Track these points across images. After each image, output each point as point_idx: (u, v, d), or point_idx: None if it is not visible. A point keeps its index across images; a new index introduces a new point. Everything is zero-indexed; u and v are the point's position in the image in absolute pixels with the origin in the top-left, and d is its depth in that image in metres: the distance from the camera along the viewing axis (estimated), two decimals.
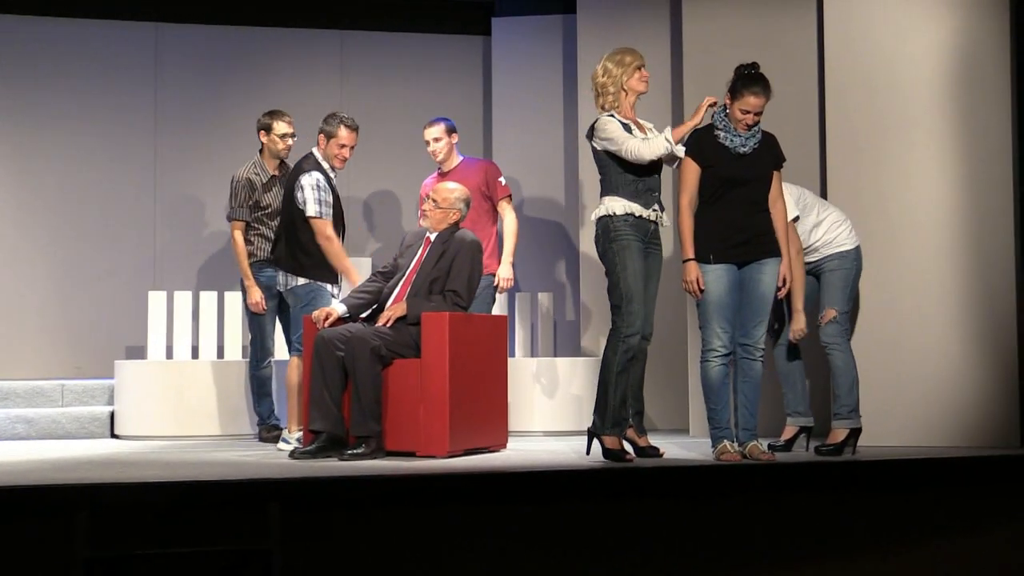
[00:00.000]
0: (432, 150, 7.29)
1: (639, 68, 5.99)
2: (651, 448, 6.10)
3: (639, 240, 5.91)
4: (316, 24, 9.34)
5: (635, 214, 5.88)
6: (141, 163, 9.10)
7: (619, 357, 5.87)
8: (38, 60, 8.90)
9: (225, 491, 5.03)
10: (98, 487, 5.02)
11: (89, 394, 7.87)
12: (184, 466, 5.86)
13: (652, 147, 5.85)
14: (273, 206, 7.18)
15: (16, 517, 4.73)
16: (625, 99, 6.00)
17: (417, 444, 6.19)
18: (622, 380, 5.91)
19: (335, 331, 6.28)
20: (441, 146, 7.28)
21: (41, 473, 5.55)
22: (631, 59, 5.99)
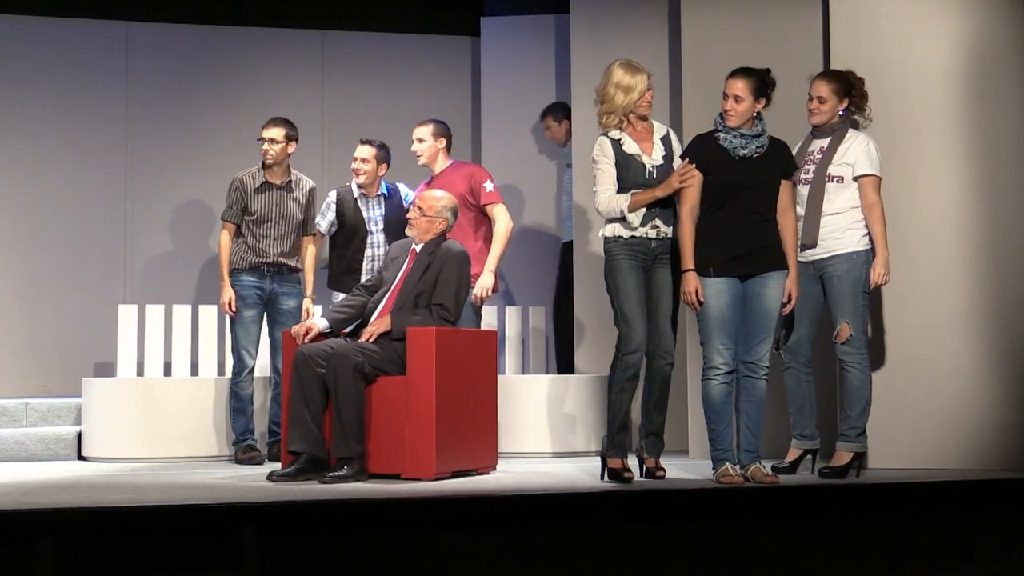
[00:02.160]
0: (415, 150, 7.35)
1: (647, 91, 6.11)
2: (657, 469, 6.14)
3: (634, 259, 5.99)
4: (296, 24, 9.37)
5: (624, 236, 5.97)
6: (111, 169, 9.10)
7: (617, 375, 5.95)
8: (3, 60, 8.89)
9: (199, 516, 5.01)
10: (63, 512, 5.01)
11: (55, 413, 7.84)
12: (155, 489, 5.85)
13: (607, 205, 6.01)
14: (260, 213, 7.30)
15: None
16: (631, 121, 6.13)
17: (402, 466, 6.18)
18: (622, 399, 5.97)
19: (316, 347, 6.27)
20: (424, 147, 7.32)
21: (3, 497, 5.51)
22: (642, 85, 6.08)
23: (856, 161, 6.13)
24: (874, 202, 6.11)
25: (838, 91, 6.22)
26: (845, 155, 6.14)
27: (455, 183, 7.21)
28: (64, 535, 4.64)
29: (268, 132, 7.39)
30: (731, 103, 5.91)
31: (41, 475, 6.59)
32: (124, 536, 4.84)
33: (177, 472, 6.74)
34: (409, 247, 6.65)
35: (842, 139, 6.18)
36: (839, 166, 6.14)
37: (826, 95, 6.21)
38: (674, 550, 5.24)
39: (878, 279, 6.08)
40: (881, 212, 6.09)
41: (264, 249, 7.33)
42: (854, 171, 6.13)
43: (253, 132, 7.71)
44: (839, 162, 6.15)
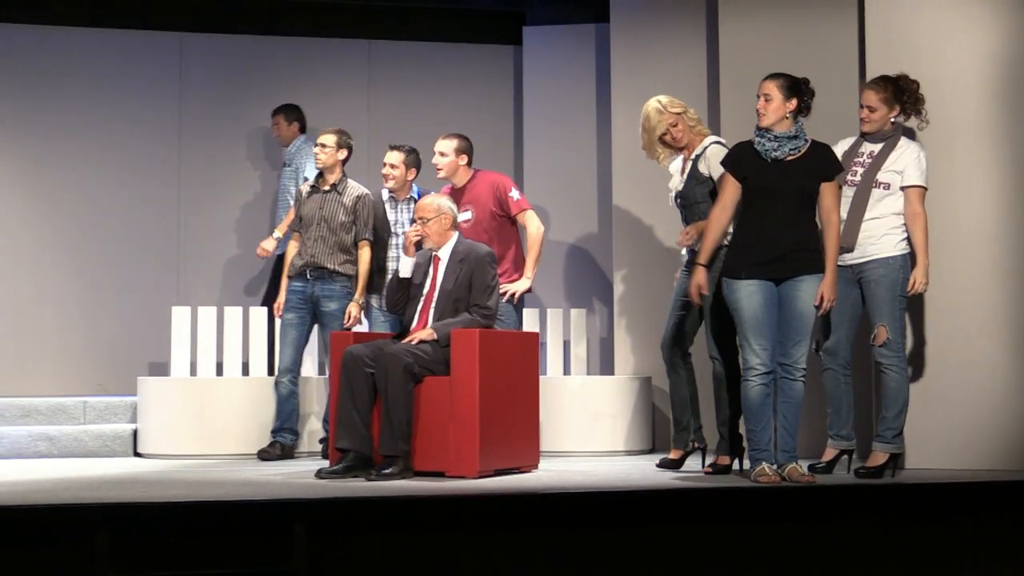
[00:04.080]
0: (435, 162, 7.29)
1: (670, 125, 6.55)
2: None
3: (686, 270, 6.47)
4: (343, 34, 9.39)
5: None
6: (165, 176, 9.16)
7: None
8: (62, 71, 8.98)
9: (249, 512, 5.03)
10: (120, 506, 5.05)
11: (112, 411, 7.89)
12: (208, 485, 5.88)
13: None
14: (306, 217, 7.39)
15: (37, 536, 4.75)
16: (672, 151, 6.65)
17: (446, 464, 6.19)
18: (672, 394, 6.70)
19: (364, 347, 6.29)
20: (444, 162, 7.26)
21: (62, 492, 5.57)
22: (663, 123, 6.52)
23: (905, 170, 6.07)
24: (918, 212, 6.05)
25: (887, 100, 6.14)
26: (896, 163, 6.08)
27: (481, 196, 7.21)
28: (120, 529, 4.67)
29: (321, 139, 7.43)
30: (761, 102, 5.91)
31: (99, 471, 6.65)
32: (177, 530, 4.86)
33: (228, 469, 6.76)
34: (430, 254, 6.63)
35: (894, 146, 6.12)
36: (888, 173, 6.08)
37: (875, 104, 6.14)
38: (711, 549, 5.21)
39: (918, 287, 6.03)
40: (924, 223, 6.04)
41: (306, 251, 7.36)
42: (902, 180, 6.07)
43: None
44: (888, 169, 6.09)
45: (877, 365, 6.09)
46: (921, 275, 6.03)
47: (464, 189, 7.27)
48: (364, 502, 5.23)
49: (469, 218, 7.12)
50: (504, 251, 7.17)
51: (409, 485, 5.87)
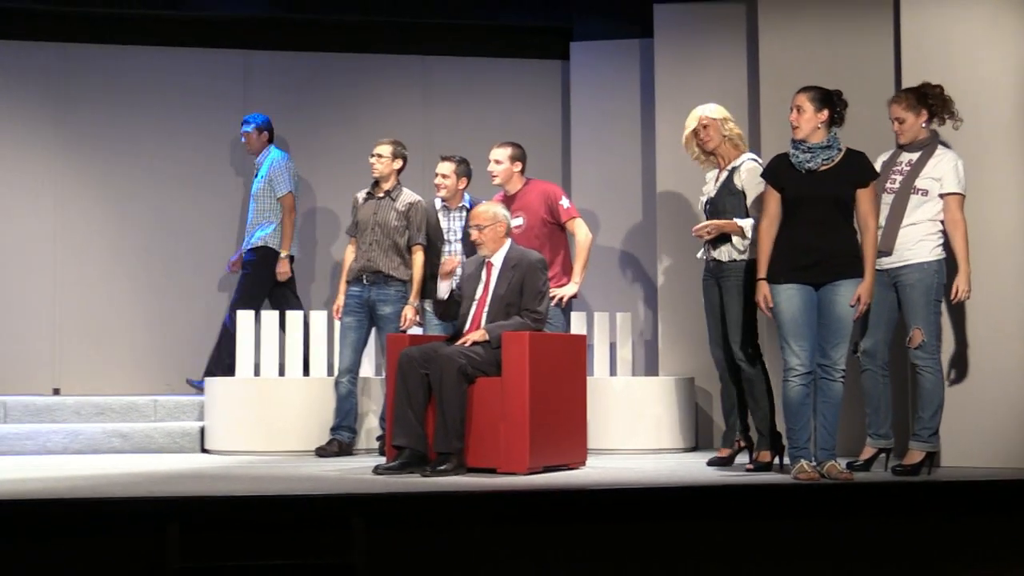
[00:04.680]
0: (490, 170, 7.32)
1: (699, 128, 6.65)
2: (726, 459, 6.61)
3: (706, 278, 6.60)
4: (400, 50, 9.41)
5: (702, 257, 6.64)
6: (228, 188, 9.21)
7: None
8: (133, 89, 9.04)
9: (311, 506, 5.07)
10: (189, 500, 5.09)
11: (180, 410, 7.95)
12: (271, 480, 5.90)
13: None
14: (362, 223, 7.45)
15: (111, 528, 4.80)
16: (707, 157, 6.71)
17: (498, 461, 6.19)
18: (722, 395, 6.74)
19: (419, 349, 6.31)
20: (500, 169, 7.29)
21: (135, 486, 5.62)
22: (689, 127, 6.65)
23: (944, 178, 6.03)
24: (957, 219, 6.00)
25: (911, 106, 6.12)
26: (934, 170, 6.04)
27: (532, 204, 7.22)
28: (189, 521, 4.71)
29: (377, 149, 7.48)
30: (794, 114, 5.92)
31: (168, 466, 6.69)
32: (242, 522, 4.89)
33: (290, 465, 6.79)
34: (482, 261, 6.64)
35: (932, 154, 6.08)
36: (926, 179, 6.04)
37: (902, 115, 6.12)
38: (753, 543, 5.19)
39: (960, 295, 5.99)
40: (964, 230, 5.99)
41: (362, 256, 7.39)
42: (941, 187, 6.02)
43: (362, 151, 7.79)
44: (926, 176, 6.05)
45: (913, 367, 6.05)
46: (963, 283, 5.98)
47: (516, 196, 7.28)
48: (419, 497, 5.25)
49: (521, 224, 7.14)
50: (553, 257, 7.18)
51: (462, 481, 5.89)
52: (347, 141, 9.07)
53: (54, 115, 9.02)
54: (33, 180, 8.98)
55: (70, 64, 9.05)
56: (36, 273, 8.92)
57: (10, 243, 8.91)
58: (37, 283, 8.92)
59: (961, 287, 5.99)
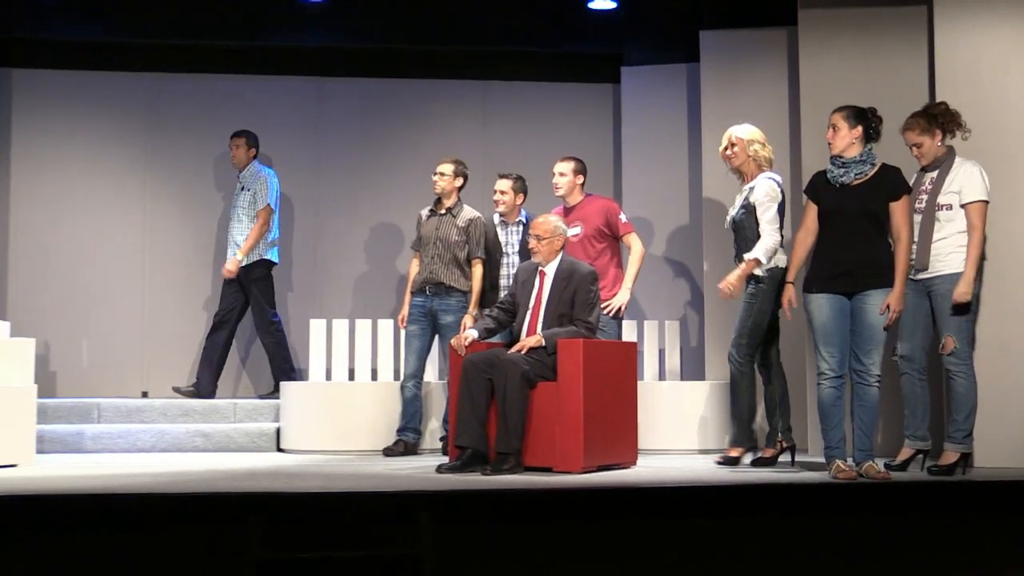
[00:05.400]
0: (555, 182, 7.37)
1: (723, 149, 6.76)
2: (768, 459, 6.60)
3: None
4: (461, 76, 9.45)
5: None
6: (305, 204, 9.28)
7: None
8: (215, 114, 9.11)
9: (381, 501, 5.11)
10: (268, 495, 5.15)
11: (258, 412, 8.01)
12: (343, 478, 5.94)
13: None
14: (424, 237, 7.49)
15: (196, 521, 4.87)
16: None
17: (554, 460, 6.21)
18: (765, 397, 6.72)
19: (481, 355, 6.35)
20: (564, 181, 7.35)
21: (218, 482, 5.69)
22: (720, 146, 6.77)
23: (963, 188, 5.99)
24: (974, 226, 5.96)
25: (925, 129, 6.10)
26: (952, 184, 6.01)
27: (591, 216, 7.25)
28: (269, 515, 4.75)
29: (439, 167, 7.52)
30: (830, 132, 5.95)
31: (247, 464, 6.75)
32: (317, 517, 4.94)
33: (360, 463, 6.83)
34: (536, 269, 6.67)
35: (949, 169, 6.05)
36: (947, 194, 6.01)
37: (917, 140, 6.11)
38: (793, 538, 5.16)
39: (957, 297, 5.92)
40: (978, 237, 5.94)
41: (425, 268, 7.44)
42: (961, 198, 5.99)
43: (425, 170, 7.84)
44: (947, 191, 6.02)
45: (947, 372, 6.01)
46: (963, 285, 5.90)
47: (575, 208, 7.34)
48: (481, 494, 5.27)
49: (578, 233, 7.18)
50: (606, 265, 7.22)
51: (520, 479, 5.90)
52: (412, 160, 9.12)
53: (146, 138, 9.16)
54: (127, 198, 9.12)
55: (161, 92, 9.19)
56: (127, 285, 9.05)
57: (105, 258, 9.06)
58: (128, 294, 9.05)
59: (959, 290, 5.91)
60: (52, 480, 5.79)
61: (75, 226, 9.06)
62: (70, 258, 9.03)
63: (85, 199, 9.09)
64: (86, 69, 9.13)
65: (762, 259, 6.36)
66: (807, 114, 7.45)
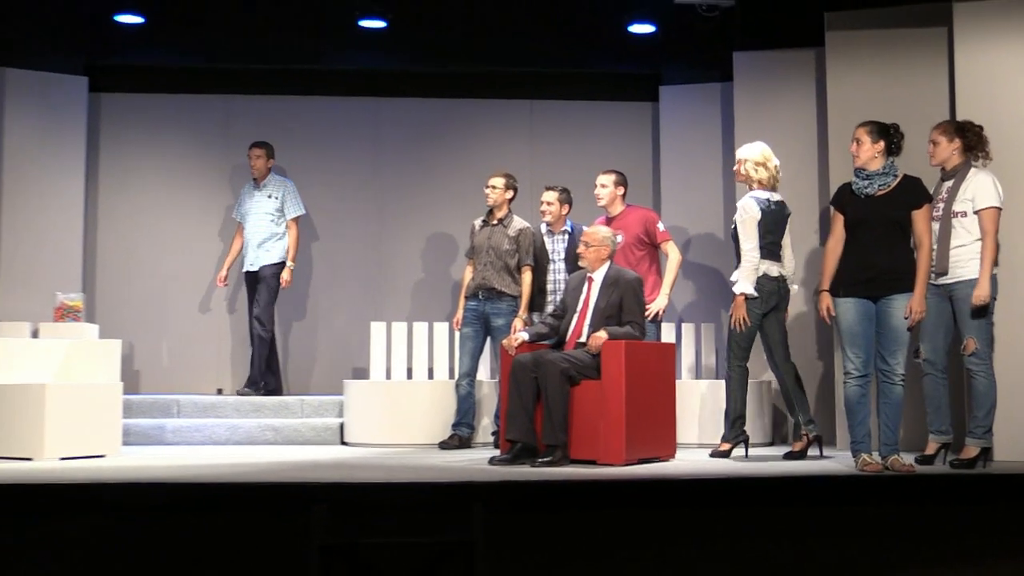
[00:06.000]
0: (597, 193, 7.41)
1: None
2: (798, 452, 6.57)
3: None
4: (509, 96, 9.46)
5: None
6: (366, 216, 9.32)
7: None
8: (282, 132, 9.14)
9: (436, 491, 5.12)
10: (332, 485, 5.18)
11: (323, 408, 8.05)
12: (401, 469, 5.97)
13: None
14: (477, 246, 7.51)
15: (265, 508, 4.92)
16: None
17: (598, 453, 6.20)
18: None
19: (528, 356, 6.35)
20: (605, 192, 7.38)
21: (286, 472, 5.73)
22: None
23: (975, 196, 5.94)
24: (987, 232, 5.90)
25: (947, 132, 6.06)
26: (966, 192, 5.96)
27: (631, 225, 7.25)
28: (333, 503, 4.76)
29: (491, 181, 7.53)
30: (854, 146, 5.91)
31: (313, 456, 6.79)
32: (377, 505, 4.96)
33: (417, 456, 6.85)
34: (585, 277, 6.68)
35: (963, 179, 6.00)
36: (962, 202, 5.96)
37: (936, 138, 6.09)
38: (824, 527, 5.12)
39: (977, 300, 5.85)
40: (991, 242, 5.87)
41: (478, 275, 7.45)
42: (974, 205, 5.93)
43: (478, 183, 7.85)
44: (962, 199, 5.97)
45: (967, 372, 5.96)
46: (979, 290, 5.84)
47: (617, 217, 7.36)
48: (530, 484, 5.28)
49: (619, 241, 7.18)
50: (645, 272, 7.23)
51: (566, 471, 5.90)
52: (464, 174, 9.14)
53: (219, 154, 9.25)
54: (202, 210, 9.21)
55: (232, 112, 9.28)
56: (203, 291, 9.14)
57: (183, 266, 9.15)
58: (204, 300, 9.14)
59: (976, 293, 5.85)
60: (136, 470, 5.87)
61: (156, 237, 9.16)
62: (152, 267, 9.14)
63: (165, 212, 9.19)
64: (165, 92, 9.24)
65: (748, 291, 6.44)
66: (834, 130, 7.40)
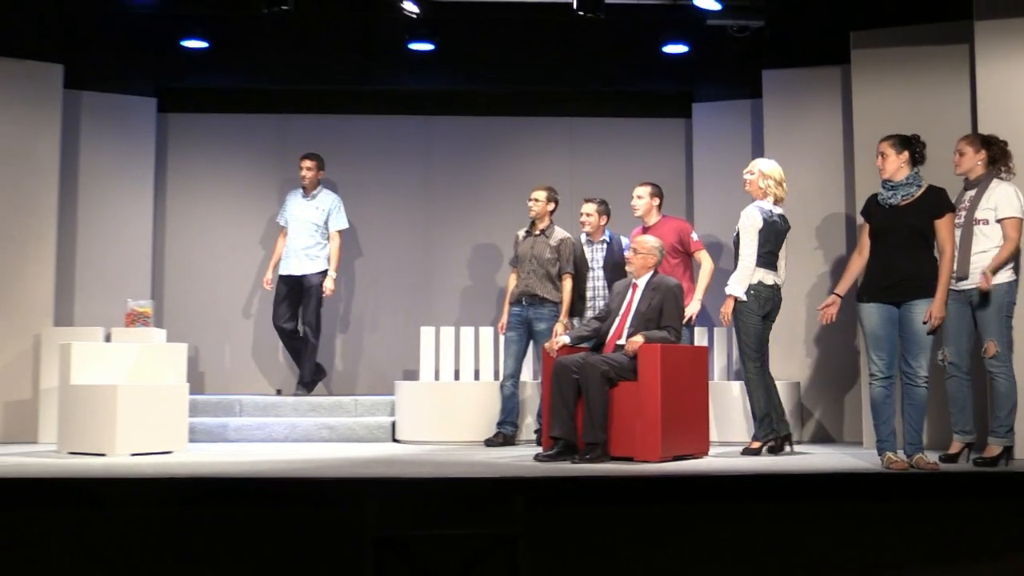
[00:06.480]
0: (633, 204, 7.43)
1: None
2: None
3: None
4: (550, 113, 9.46)
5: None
6: (416, 228, 9.33)
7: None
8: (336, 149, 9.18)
9: (482, 486, 5.12)
10: (384, 480, 5.21)
11: (376, 407, 8.06)
12: (449, 465, 5.98)
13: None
14: (520, 256, 7.51)
15: (321, 502, 4.93)
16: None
17: (635, 451, 6.19)
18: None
19: (570, 358, 6.35)
20: (641, 203, 7.39)
21: (341, 468, 5.76)
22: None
23: (998, 205, 5.87)
24: (1010, 238, 5.84)
25: (973, 143, 6.01)
26: (988, 201, 5.90)
27: (667, 235, 7.25)
28: (385, 497, 4.80)
29: (533, 194, 7.54)
30: (879, 160, 5.86)
31: (366, 453, 6.82)
32: (427, 499, 4.96)
33: (464, 452, 6.86)
34: (630, 283, 6.68)
35: (986, 188, 5.93)
36: (984, 211, 5.89)
37: (963, 147, 6.03)
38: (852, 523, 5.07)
39: (983, 284, 5.78)
40: (1010, 248, 5.80)
41: (522, 282, 7.46)
42: (996, 214, 5.86)
43: (521, 196, 7.86)
44: (984, 207, 5.90)
45: (989, 374, 5.88)
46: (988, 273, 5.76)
47: (652, 227, 7.36)
48: (571, 480, 5.27)
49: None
50: (680, 279, 7.19)
51: (606, 467, 5.90)
52: (508, 187, 9.14)
53: (277, 170, 9.30)
54: (262, 223, 9.25)
55: (290, 131, 9.33)
56: (263, 298, 9.16)
57: (244, 275, 9.20)
58: (264, 306, 9.16)
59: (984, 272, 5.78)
60: (201, 465, 5.92)
61: (218, 247, 9.24)
62: (215, 275, 9.21)
63: (226, 224, 9.26)
64: (226, 112, 9.32)
65: (738, 294, 6.57)
66: (860, 143, 7.34)
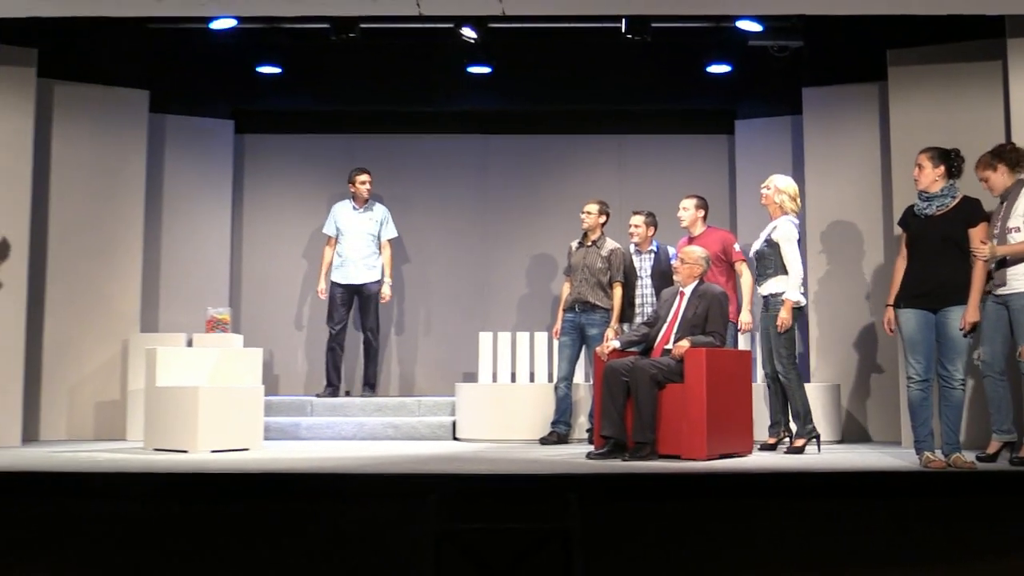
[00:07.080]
0: (679, 215, 7.39)
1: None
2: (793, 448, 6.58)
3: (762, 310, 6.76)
4: (600, 131, 9.43)
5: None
6: (474, 238, 9.33)
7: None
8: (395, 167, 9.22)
9: (537, 482, 5.11)
10: (446, 476, 5.20)
11: (438, 407, 8.07)
12: (507, 462, 5.96)
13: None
14: (574, 266, 7.49)
15: (386, 496, 4.93)
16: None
17: (682, 449, 6.13)
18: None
19: (620, 362, 6.30)
20: (687, 215, 7.34)
21: (405, 464, 5.77)
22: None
23: None
24: None
25: (988, 164, 5.88)
26: (1018, 208, 5.76)
27: (711, 244, 7.19)
28: (446, 493, 4.78)
29: (586, 207, 7.51)
30: (916, 171, 5.76)
31: (429, 450, 6.82)
32: (485, 494, 4.94)
33: (520, 450, 6.84)
34: (677, 291, 6.62)
35: (1016, 197, 5.79)
36: (1015, 218, 5.77)
37: (983, 175, 5.91)
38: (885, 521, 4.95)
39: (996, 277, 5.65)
40: None
41: (574, 290, 7.42)
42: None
43: (574, 209, 7.81)
44: (1015, 215, 5.77)
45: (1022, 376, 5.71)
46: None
47: (697, 237, 7.31)
48: (621, 476, 5.23)
49: None
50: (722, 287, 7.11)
51: (654, 464, 5.85)
52: (561, 201, 9.10)
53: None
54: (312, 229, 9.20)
55: (356, 149, 9.36)
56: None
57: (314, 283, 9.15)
58: None
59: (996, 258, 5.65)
60: (276, 461, 5.95)
61: (291, 258, 9.30)
62: (288, 284, 9.28)
63: (298, 236, 9.31)
64: (298, 132, 9.39)
65: (798, 298, 6.50)
66: (897, 158, 7.20)
